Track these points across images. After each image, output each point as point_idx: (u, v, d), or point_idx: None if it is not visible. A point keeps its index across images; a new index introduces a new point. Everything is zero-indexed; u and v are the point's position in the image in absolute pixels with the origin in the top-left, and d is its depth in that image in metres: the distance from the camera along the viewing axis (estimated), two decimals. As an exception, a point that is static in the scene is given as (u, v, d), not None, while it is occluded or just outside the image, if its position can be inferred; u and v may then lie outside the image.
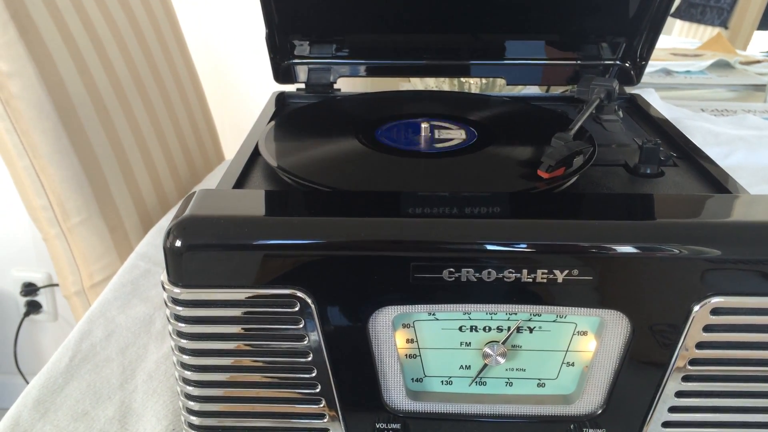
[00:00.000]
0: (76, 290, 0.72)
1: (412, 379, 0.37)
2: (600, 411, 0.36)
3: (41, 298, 1.40)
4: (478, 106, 0.54)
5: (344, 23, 0.59)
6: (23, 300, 1.39)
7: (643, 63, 0.58)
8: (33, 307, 1.41)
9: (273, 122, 0.50)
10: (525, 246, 0.32)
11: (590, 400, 0.36)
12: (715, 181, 0.41)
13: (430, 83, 0.95)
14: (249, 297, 0.33)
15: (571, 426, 0.37)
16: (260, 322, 0.34)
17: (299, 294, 0.33)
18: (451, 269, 0.32)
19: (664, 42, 1.70)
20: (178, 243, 0.33)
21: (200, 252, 0.33)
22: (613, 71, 0.59)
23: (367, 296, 0.34)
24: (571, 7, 0.57)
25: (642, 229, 0.32)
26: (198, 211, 0.34)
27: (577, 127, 0.44)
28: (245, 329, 0.34)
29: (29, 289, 1.39)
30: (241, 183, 0.42)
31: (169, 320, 0.35)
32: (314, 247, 0.33)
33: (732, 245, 0.32)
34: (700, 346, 0.34)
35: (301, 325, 0.34)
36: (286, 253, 0.33)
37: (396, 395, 0.37)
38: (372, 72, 0.61)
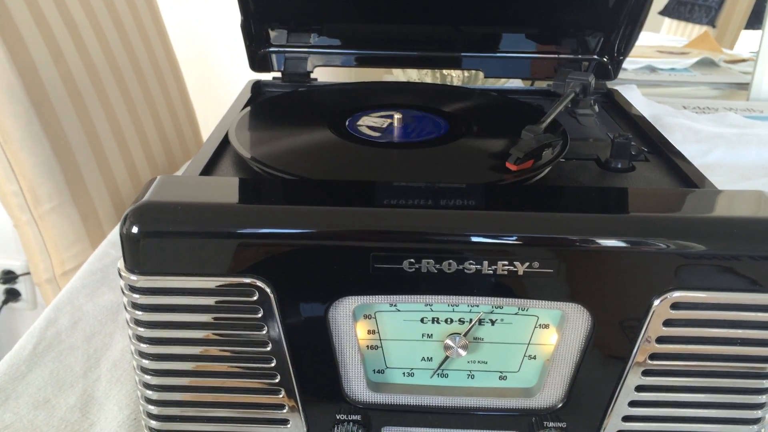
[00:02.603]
0: (48, 277, 0.71)
1: (374, 370, 0.37)
2: (561, 404, 0.36)
3: (20, 286, 1.38)
4: (454, 98, 0.54)
5: (321, 12, 0.58)
6: (2, 288, 1.38)
7: (621, 58, 0.58)
8: (12, 295, 1.39)
9: (244, 111, 0.50)
10: (484, 237, 0.31)
11: (551, 394, 0.36)
12: (684, 176, 0.41)
13: (413, 75, 0.94)
14: (207, 285, 0.33)
15: (533, 419, 0.36)
16: (218, 310, 0.34)
17: (258, 283, 0.33)
18: (412, 260, 0.32)
19: (651, 39, 1.70)
20: (134, 229, 0.32)
21: (157, 239, 0.32)
22: (590, 66, 0.59)
23: (328, 286, 0.33)
24: (549, 2, 0.57)
25: (602, 222, 0.32)
26: (156, 197, 0.33)
27: (548, 120, 0.44)
28: (203, 318, 0.34)
29: (8, 276, 1.37)
30: (209, 170, 0.42)
31: (126, 308, 0.34)
32: (273, 236, 0.32)
33: (692, 240, 0.32)
34: (660, 340, 0.33)
35: (259, 315, 0.33)
36: (244, 242, 0.32)
37: (357, 386, 0.36)
38: (349, 62, 0.60)
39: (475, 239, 0.32)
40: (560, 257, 0.32)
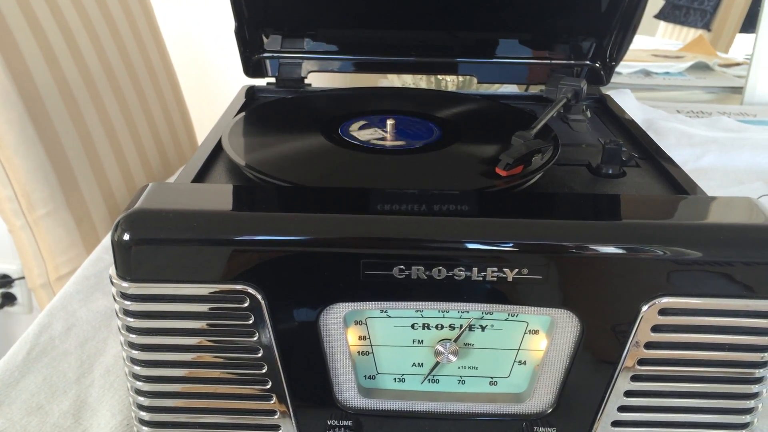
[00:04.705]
0: (42, 282, 0.71)
1: (365, 376, 0.37)
2: (551, 410, 0.36)
3: (16, 290, 1.38)
4: (447, 104, 0.54)
5: (315, 18, 0.59)
6: (-3, 292, 1.37)
7: (614, 64, 0.58)
8: (7, 299, 1.39)
9: (237, 117, 0.50)
10: (472, 244, 0.32)
11: (541, 399, 0.36)
12: (675, 182, 0.41)
13: (408, 80, 0.94)
14: (198, 292, 0.33)
15: (523, 424, 0.37)
16: (210, 317, 0.34)
17: (249, 290, 0.33)
18: (402, 267, 0.32)
19: (646, 43, 1.71)
20: (126, 236, 0.32)
21: (148, 246, 0.32)
22: (583, 71, 0.60)
23: (318, 293, 0.33)
24: (542, 7, 0.57)
25: (590, 229, 0.32)
26: (148, 205, 0.33)
27: (539, 126, 0.44)
28: (194, 324, 0.34)
29: (4, 280, 1.37)
30: (201, 177, 0.42)
31: (117, 315, 0.34)
32: (263, 243, 0.32)
33: (680, 246, 0.32)
34: (649, 346, 0.34)
35: (250, 321, 0.33)
36: (235, 249, 0.32)
37: (348, 392, 0.37)
38: (343, 67, 0.60)
39: (463, 246, 0.32)
40: (549, 264, 0.32)
